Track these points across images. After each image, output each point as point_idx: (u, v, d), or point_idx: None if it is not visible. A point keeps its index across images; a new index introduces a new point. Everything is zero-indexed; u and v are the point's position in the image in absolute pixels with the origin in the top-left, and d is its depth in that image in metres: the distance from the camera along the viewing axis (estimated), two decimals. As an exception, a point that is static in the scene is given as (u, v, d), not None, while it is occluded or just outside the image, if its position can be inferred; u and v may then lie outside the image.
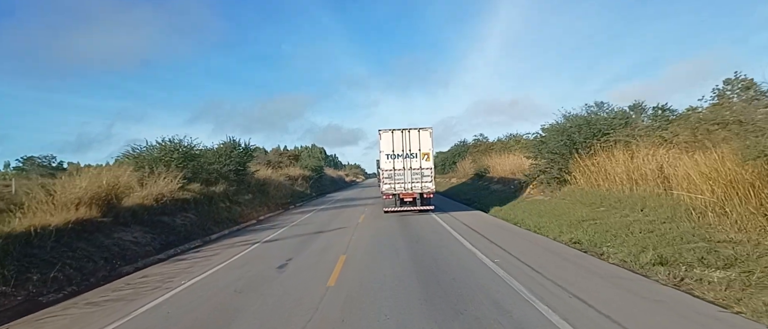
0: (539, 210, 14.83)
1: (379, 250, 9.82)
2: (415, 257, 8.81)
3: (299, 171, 41.75)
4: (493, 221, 14.69)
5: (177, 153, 17.58)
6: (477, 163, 32.12)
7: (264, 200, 25.80)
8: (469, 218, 15.67)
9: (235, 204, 21.64)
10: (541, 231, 11.37)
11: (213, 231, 16.34)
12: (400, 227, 13.89)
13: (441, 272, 7.38)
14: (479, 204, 20.50)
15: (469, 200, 23.03)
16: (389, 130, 17.32)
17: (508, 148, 29.54)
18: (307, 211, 22.95)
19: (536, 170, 17.91)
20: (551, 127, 17.67)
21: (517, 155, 26.07)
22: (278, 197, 29.60)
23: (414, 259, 8.59)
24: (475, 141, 41.11)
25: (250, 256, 10.38)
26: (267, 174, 30.85)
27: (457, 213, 17.67)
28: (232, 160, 22.92)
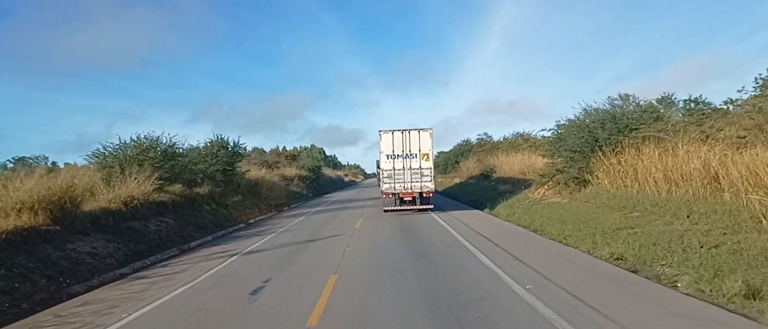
0: (559, 214, 12.99)
1: (379, 269, 7.99)
2: (425, 280, 6.96)
3: (295, 171, 39.92)
4: (508, 227, 12.85)
5: (154, 151, 15.70)
6: (482, 162, 30.30)
7: (255, 202, 23.96)
8: (480, 223, 13.84)
9: (222, 206, 19.80)
10: (570, 242, 9.53)
11: (193, 237, 14.50)
12: (402, 235, 12.07)
13: (461, 305, 5.53)
14: (487, 206, 18.67)
15: (475, 201, 21.20)
16: (389, 131, 17.29)
17: (515, 146, 27.72)
18: (300, 214, 21.11)
19: (552, 169, 16.08)
20: (569, 122, 15.84)
21: (526, 154, 24.26)
22: (272, 198, 27.77)
23: (423, 284, 6.74)
24: (479, 140, 39.34)
25: (223, 274, 8.54)
26: (260, 174, 29.01)
27: (465, 216, 15.84)
28: (219, 159, 21.06)
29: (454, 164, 40.18)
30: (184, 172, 18.87)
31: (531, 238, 10.76)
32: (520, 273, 7.07)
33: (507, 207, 16.91)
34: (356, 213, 19.09)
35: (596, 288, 6.12)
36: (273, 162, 44.04)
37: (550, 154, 16.59)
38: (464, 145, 41.23)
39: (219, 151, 21.28)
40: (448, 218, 15.69)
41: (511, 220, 14.15)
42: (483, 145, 34.92)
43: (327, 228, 14.46)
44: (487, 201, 19.93)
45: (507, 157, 26.22)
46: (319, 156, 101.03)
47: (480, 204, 19.78)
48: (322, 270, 7.98)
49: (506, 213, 15.66)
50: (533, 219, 13.30)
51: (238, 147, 22.51)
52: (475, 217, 15.80)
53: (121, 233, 12.17)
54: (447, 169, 42.49)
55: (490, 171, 27.03)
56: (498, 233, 11.68)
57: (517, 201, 17.54)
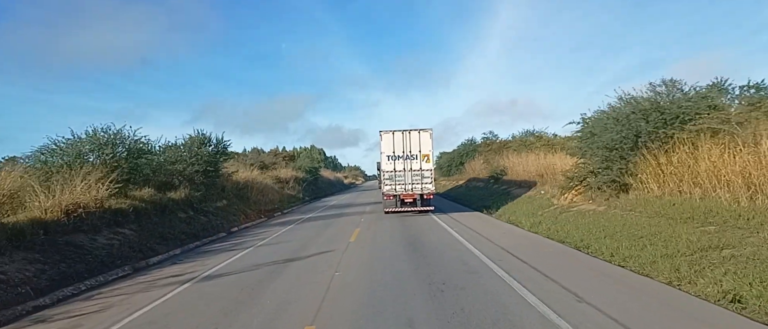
0: (601, 226, 10.40)
1: (378, 310, 5.42)
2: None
3: (291, 173, 37.32)
4: (539, 242, 10.25)
5: (112, 148, 13.11)
6: (490, 163, 27.71)
7: (242, 207, 21.38)
8: (502, 235, 11.24)
9: (200, 213, 17.21)
10: (637, 268, 6.94)
11: (156, 251, 11.92)
12: (409, 252, 9.48)
13: None
14: (504, 213, 16.09)
15: (488, 207, 18.60)
16: (390, 132, 17.08)
17: (526, 145, 25.14)
18: (291, 221, 18.52)
19: (582, 171, 13.49)
20: (602, 114, 13.24)
21: (541, 154, 21.66)
22: (263, 203, 25.20)
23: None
24: (485, 139, 36.73)
25: (156, 316, 5.96)
26: (250, 176, 26.42)
27: (480, 224, 13.26)
28: (199, 158, 18.49)
29: (458, 165, 37.59)
30: (157, 174, 16.33)
31: (578, 260, 8.15)
32: (587, 320, 4.49)
33: (529, 215, 14.31)
34: (353, 221, 16.51)
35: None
36: (270, 163, 41.47)
37: (579, 152, 14.00)
38: (469, 144, 38.61)
39: (199, 148, 18.70)
40: (460, 228, 13.10)
41: (540, 232, 11.55)
42: (490, 145, 32.31)
43: (316, 242, 11.87)
44: (501, 208, 17.34)
45: (519, 157, 23.62)
46: (319, 157, 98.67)
47: (494, 211, 17.19)
48: (292, 318, 5.39)
49: (529, 222, 13.07)
50: (568, 231, 10.71)
51: (223, 144, 19.90)
52: (493, 227, 13.20)
53: (55, 250, 9.57)
54: (451, 171, 39.86)
55: (500, 173, 24.44)
56: (531, 251, 9.09)
57: (539, 208, 14.94)
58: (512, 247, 9.50)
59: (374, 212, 19.98)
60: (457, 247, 9.87)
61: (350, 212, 20.77)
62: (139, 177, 14.01)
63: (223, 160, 21.67)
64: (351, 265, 8.43)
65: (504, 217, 15.26)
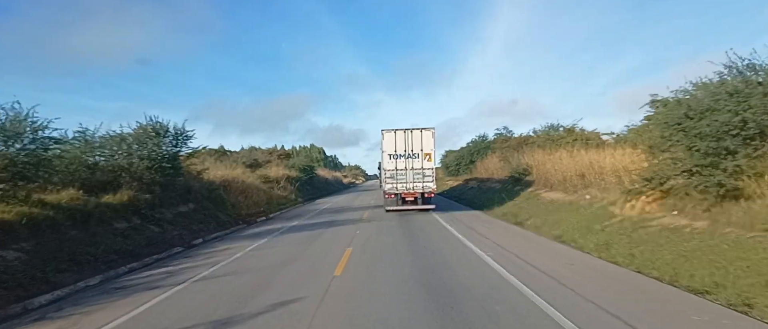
0: (730, 257, 6.40)
1: None
2: None
3: (283, 172, 33.32)
4: (634, 283, 6.23)
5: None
6: (509, 161, 23.66)
7: (213, 212, 17.40)
8: (569, 268, 7.21)
9: (150, 221, 13.23)
10: None
11: (54, 284, 8.01)
12: (431, 307, 5.45)
13: None
14: (544, 226, 12.12)
15: (514, 215, 14.61)
16: (392, 130, 16.85)
17: (554, 141, 21.08)
18: (267, 232, 14.51)
19: (669, 169, 9.41)
20: (706, 88, 9.15)
21: (576, 151, 17.64)
22: (244, 206, 21.23)
23: None
24: (498, 135, 32.61)
25: None
26: (228, 174, 22.44)
27: (523, 245, 9.21)
28: (151, 152, 14.47)
29: (468, 164, 33.51)
30: (93, 171, 12.39)
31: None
32: None
33: (584, 230, 10.29)
34: (345, 235, 12.50)
35: None
36: (264, 161, 37.49)
37: (659, 144, 9.89)
38: (480, 141, 34.49)
39: (150, 139, 14.66)
40: (498, 252, 9.08)
41: (619, 261, 7.59)
42: (506, 141, 28.19)
43: (284, 275, 7.84)
44: (537, 218, 13.35)
45: (547, 154, 19.58)
46: (318, 156, 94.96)
47: (527, 221, 13.19)
48: None
49: (592, 243, 9.08)
50: (673, 264, 6.75)
51: (184, 135, 15.85)
52: (544, 252, 9.16)
53: None
54: (459, 170, 35.75)
55: (523, 172, 20.41)
56: (643, 308, 5.07)
57: (594, 220, 10.91)
58: (607, 301, 5.47)
59: (373, 220, 15.97)
60: (509, 295, 5.85)
61: (344, 219, 16.76)
62: (47, 174, 10.01)
63: (190, 155, 17.68)
64: (333, 321, 4.46)
65: (548, 232, 11.24)
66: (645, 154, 12.67)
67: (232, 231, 16.06)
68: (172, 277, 8.14)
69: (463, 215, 16.66)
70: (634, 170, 11.33)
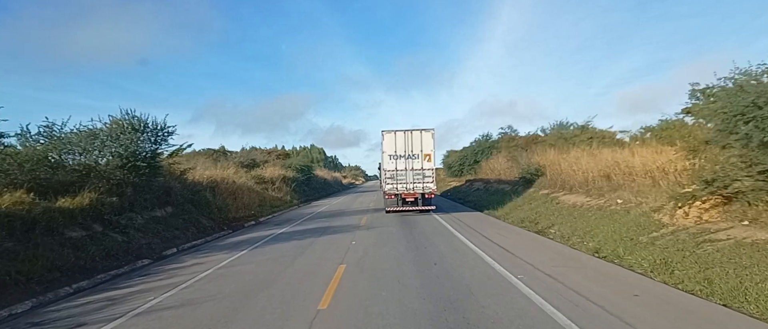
0: None
1: None
2: None
3: (278, 172, 31.44)
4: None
5: None
6: (517, 161, 21.77)
7: (195, 216, 15.51)
8: (642, 307, 5.28)
9: (115, 228, 11.34)
10: None
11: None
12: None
13: None
14: (573, 236, 10.26)
15: (535, 222, 12.75)
16: (392, 131, 16.71)
17: (567, 140, 19.21)
18: (251, 241, 12.62)
19: (737, 170, 7.53)
20: (755, 79, 7.30)
21: (598, 149, 15.79)
22: (233, 209, 19.38)
23: None
24: (503, 134, 30.73)
25: None
26: (216, 175, 20.56)
27: (561, 264, 7.32)
28: (125, 149, 12.61)
29: (473, 164, 31.61)
30: (37, 170, 10.50)
31: None
32: None
33: (628, 243, 8.42)
34: (338, 245, 10.61)
35: None
36: (262, 161, 35.61)
37: (718, 140, 7.99)
38: (484, 141, 32.58)
39: (124, 135, 12.79)
40: (524, 269, 7.21)
41: (692, 288, 5.73)
42: (513, 140, 26.30)
43: (250, 308, 5.96)
44: (561, 225, 11.48)
45: (561, 153, 17.73)
46: (318, 156, 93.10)
47: (551, 230, 11.30)
48: None
49: (647, 261, 7.21)
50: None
51: (164, 131, 13.98)
52: (581, 270, 7.28)
53: None
54: (463, 170, 33.84)
55: (535, 173, 18.53)
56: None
57: (638, 230, 9.02)
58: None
59: (372, 226, 14.08)
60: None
61: (339, 226, 14.87)
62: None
63: (173, 153, 15.82)
64: None
65: (580, 244, 9.36)
66: (685, 151, 10.84)
67: (213, 238, 14.19)
68: (110, 307, 6.25)
69: (473, 220, 14.78)
70: (677, 170, 9.46)
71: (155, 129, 13.79)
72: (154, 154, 13.65)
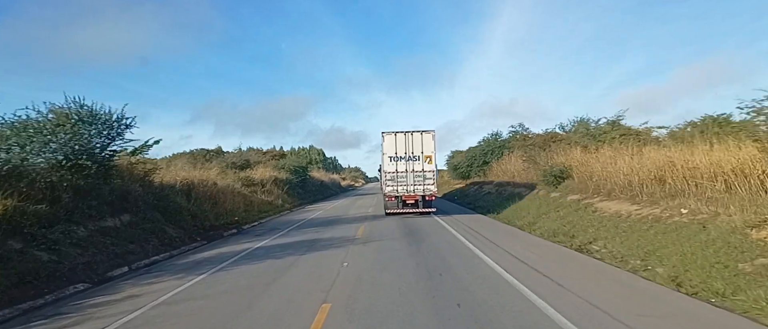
0: None
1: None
2: None
3: (270, 173, 29.03)
4: None
5: None
6: (536, 162, 19.33)
7: (160, 225, 13.08)
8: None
9: (40, 245, 8.88)
10: None
11: None
12: None
13: None
14: (633, 258, 7.83)
15: (568, 234, 10.30)
16: (392, 133, 16.51)
17: (595, 137, 16.78)
18: (218, 259, 10.15)
19: None
20: None
21: (643, 149, 13.37)
22: (211, 215, 16.98)
23: None
24: (515, 133, 28.25)
25: None
26: (192, 176, 18.13)
27: (631, 306, 4.79)
28: (65, 145, 10.19)
29: (482, 165, 29.15)
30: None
31: None
32: None
33: (720, 271, 5.99)
34: (328, 267, 8.16)
35: None
36: (256, 162, 33.19)
37: None
38: (493, 140, 30.09)
39: (60, 127, 10.35)
40: (587, 313, 4.74)
41: None
42: (528, 139, 23.78)
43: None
44: (610, 243, 9.00)
45: (593, 152, 15.31)
46: (317, 157, 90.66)
47: (591, 247, 8.82)
48: None
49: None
50: None
51: (121, 123, 11.55)
52: (673, 318, 4.81)
53: None
54: (470, 172, 31.36)
55: (560, 174, 16.09)
56: None
57: (728, 252, 6.55)
58: None
59: (370, 239, 11.63)
60: None
61: (331, 238, 12.42)
62: None
63: (136, 151, 13.42)
64: None
65: (641, 269, 6.90)
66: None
67: (179, 252, 11.77)
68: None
69: (491, 231, 12.34)
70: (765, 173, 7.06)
71: (108, 120, 11.35)
72: (105, 150, 11.22)
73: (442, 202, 27.11)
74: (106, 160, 11.20)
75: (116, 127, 11.55)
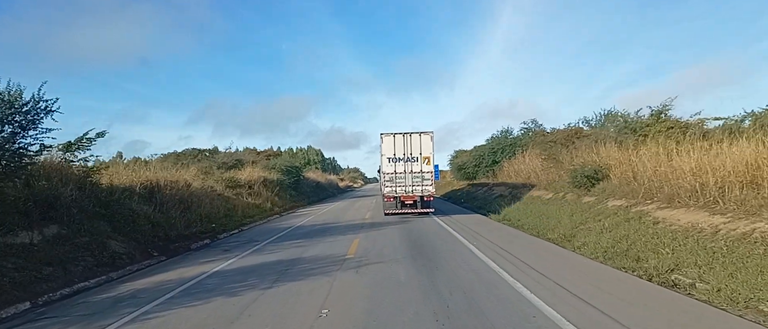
0: None
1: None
2: None
3: (258, 174, 26.20)
4: None
5: None
6: (559, 161, 16.53)
7: (101, 238, 10.26)
8: None
9: None
10: None
11: None
12: None
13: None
14: (756, 300, 4.98)
15: (630, 255, 7.49)
16: (391, 134, 16.52)
17: (636, 131, 13.97)
18: (145, 297, 7.27)
19: None
20: None
21: (714, 145, 10.56)
22: (179, 223, 14.21)
23: None
24: (526, 130, 25.39)
25: None
26: (159, 177, 15.28)
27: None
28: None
29: (490, 165, 26.32)
30: None
31: None
32: None
33: None
34: (299, 312, 5.34)
35: None
36: (250, 162, 30.39)
37: None
38: (503, 138, 27.22)
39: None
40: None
41: None
42: (549, 135, 20.87)
43: None
44: (704, 273, 6.16)
45: (634, 150, 12.52)
46: (315, 158, 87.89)
47: (677, 277, 6.00)
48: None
49: None
50: None
51: (34, 108, 8.71)
52: None
53: None
54: (477, 172, 28.53)
55: (594, 175, 13.30)
56: None
57: None
58: None
59: (366, 262, 8.77)
60: None
61: (314, 258, 9.61)
62: None
63: (69, 145, 10.63)
64: None
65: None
66: None
67: (118, 276, 9.02)
68: None
69: (522, 248, 9.51)
70: None
71: (14, 103, 8.48)
72: (11, 142, 8.39)
73: (446, 205, 24.33)
74: (15, 156, 8.36)
75: (30, 113, 8.70)
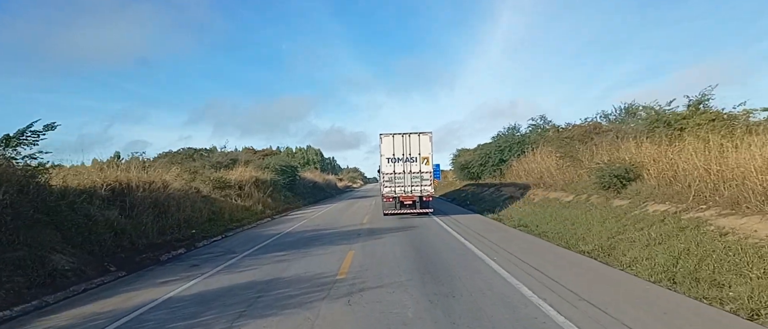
0: None
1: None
2: None
3: (250, 174, 24.36)
4: None
5: None
6: (578, 159, 14.71)
7: (40, 251, 8.41)
8: None
9: None
10: None
11: None
12: None
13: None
14: None
15: (712, 282, 5.68)
16: (390, 134, 16.53)
17: (671, 125, 12.16)
18: (86, 322, 5.49)
19: None
20: None
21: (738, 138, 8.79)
22: (151, 230, 12.43)
23: None
24: (534, 127, 23.57)
25: None
26: (129, 177, 13.42)
27: None
28: None
29: (496, 164, 24.50)
30: None
31: None
32: None
33: None
34: None
35: None
36: (245, 161, 28.54)
37: None
38: (510, 135, 25.39)
39: None
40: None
41: None
42: (564, 131, 19.01)
43: None
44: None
45: (674, 146, 10.73)
46: (314, 157, 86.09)
47: None
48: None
49: None
50: None
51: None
52: None
53: None
54: (483, 172, 26.66)
55: (625, 175, 11.50)
56: None
57: None
58: None
59: (360, 287, 6.91)
60: None
61: (295, 281, 7.78)
62: None
63: (12, 139, 8.83)
64: None
65: None
66: None
67: (56, 300, 7.20)
68: None
69: (557, 265, 7.70)
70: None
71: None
72: None
73: (451, 207, 22.55)
74: None
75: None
